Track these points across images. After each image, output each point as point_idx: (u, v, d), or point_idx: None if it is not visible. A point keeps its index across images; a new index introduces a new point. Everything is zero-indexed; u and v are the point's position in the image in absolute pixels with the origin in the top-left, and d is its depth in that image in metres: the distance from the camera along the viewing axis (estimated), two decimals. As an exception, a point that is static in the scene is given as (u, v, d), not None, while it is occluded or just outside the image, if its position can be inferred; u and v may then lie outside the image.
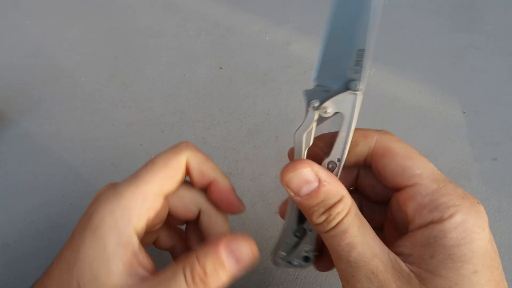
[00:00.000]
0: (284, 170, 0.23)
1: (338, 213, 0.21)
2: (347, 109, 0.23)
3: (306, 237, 0.26)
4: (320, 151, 0.25)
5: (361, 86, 0.23)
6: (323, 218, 0.22)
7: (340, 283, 0.23)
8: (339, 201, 0.22)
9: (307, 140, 0.25)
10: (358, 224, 0.22)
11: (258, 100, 0.54)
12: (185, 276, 0.21)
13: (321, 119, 0.24)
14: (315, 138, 0.25)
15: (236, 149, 0.49)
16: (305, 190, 0.22)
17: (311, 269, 0.38)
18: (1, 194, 0.45)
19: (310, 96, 0.24)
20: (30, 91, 0.57)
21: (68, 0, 0.73)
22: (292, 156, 0.26)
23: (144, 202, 0.23)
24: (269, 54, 0.61)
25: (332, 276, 0.38)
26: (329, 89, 0.24)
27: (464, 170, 0.46)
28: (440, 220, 0.21)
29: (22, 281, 0.38)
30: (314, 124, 0.24)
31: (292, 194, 0.23)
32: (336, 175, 0.24)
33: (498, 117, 0.51)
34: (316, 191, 0.22)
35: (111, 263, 0.21)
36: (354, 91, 0.23)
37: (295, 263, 0.27)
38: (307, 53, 0.61)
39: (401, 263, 0.21)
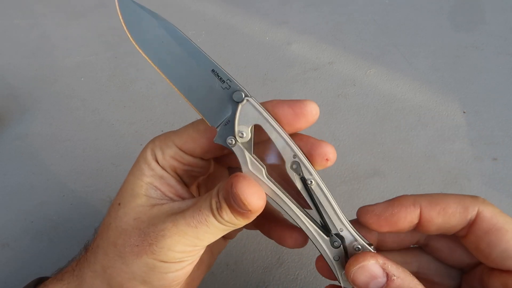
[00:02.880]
0: (347, 265, 0.22)
1: None
2: (255, 116, 0.23)
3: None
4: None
5: (244, 91, 0.23)
6: None
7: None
8: None
9: (258, 170, 0.23)
10: None
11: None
12: (210, 204, 0.22)
13: (249, 144, 0.23)
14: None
15: (236, 149, 0.49)
16: (373, 286, 0.21)
17: (311, 268, 0.38)
18: (1, 194, 0.45)
19: (223, 139, 0.24)
20: (30, 91, 0.57)
21: (68, 0, 0.73)
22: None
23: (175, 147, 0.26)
24: (269, 54, 0.61)
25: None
26: (228, 119, 0.24)
27: (464, 170, 0.46)
28: None
29: (22, 281, 0.38)
30: (247, 153, 0.23)
31: None
32: (312, 182, 0.23)
33: (498, 117, 0.51)
34: (385, 287, 0.20)
35: (141, 181, 0.25)
36: (244, 99, 0.23)
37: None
38: (307, 53, 0.61)
39: None
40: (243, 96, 0.23)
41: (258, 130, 0.24)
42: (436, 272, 0.25)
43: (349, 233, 0.23)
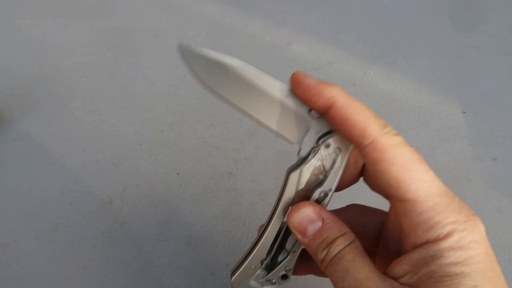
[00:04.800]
0: (290, 213, 0.25)
1: (338, 245, 0.23)
2: (346, 143, 0.24)
3: (287, 258, 0.27)
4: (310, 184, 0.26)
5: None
6: (325, 252, 0.23)
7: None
8: (341, 235, 0.23)
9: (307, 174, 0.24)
10: (354, 251, 0.23)
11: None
12: None
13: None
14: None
15: (236, 149, 0.49)
16: (310, 230, 0.24)
17: (311, 269, 0.38)
18: (1, 194, 0.45)
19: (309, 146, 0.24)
20: (30, 91, 0.57)
21: (68, 0, 0.73)
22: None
23: None
24: (269, 54, 0.61)
25: (332, 276, 0.38)
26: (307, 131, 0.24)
27: (464, 170, 0.46)
28: (436, 240, 0.20)
29: (22, 281, 0.38)
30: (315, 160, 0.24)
31: (300, 236, 0.24)
32: (327, 204, 0.25)
33: (498, 117, 0.51)
34: (320, 229, 0.24)
35: None
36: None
37: (274, 281, 0.28)
38: (307, 53, 0.61)
39: (397, 286, 0.21)
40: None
41: None
42: (360, 222, 0.28)
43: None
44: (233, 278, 0.27)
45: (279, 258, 0.27)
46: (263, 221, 0.26)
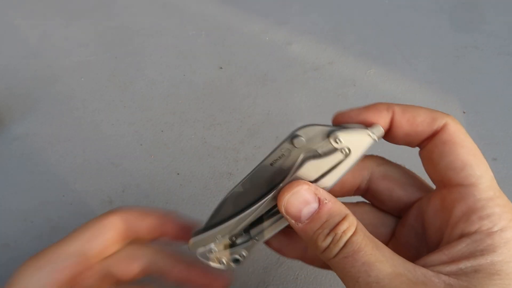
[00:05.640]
0: (281, 194, 0.22)
1: (344, 231, 0.20)
2: (358, 148, 0.22)
3: (248, 243, 0.25)
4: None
5: (378, 135, 0.23)
6: (329, 239, 0.20)
7: (340, 282, 0.23)
8: (343, 219, 0.20)
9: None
10: (370, 242, 0.20)
11: (258, 100, 0.54)
12: None
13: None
14: None
15: (236, 149, 0.49)
16: (305, 213, 0.21)
17: (311, 269, 0.38)
18: (1, 194, 0.45)
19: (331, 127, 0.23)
20: (30, 91, 0.57)
21: (68, 0, 0.73)
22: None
23: (59, 261, 0.24)
24: (269, 54, 0.61)
25: (332, 276, 0.38)
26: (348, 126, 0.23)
27: (464, 170, 0.46)
28: (489, 232, 0.19)
29: (22, 281, 0.38)
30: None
31: (293, 221, 0.21)
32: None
33: (498, 117, 0.51)
34: (318, 211, 0.21)
35: None
36: (372, 135, 0.22)
37: (223, 261, 0.26)
38: (307, 53, 0.61)
39: (433, 277, 0.19)
40: (375, 134, 0.23)
41: None
42: (370, 222, 0.26)
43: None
44: (192, 240, 0.25)
45: (238, 241, 0.25)
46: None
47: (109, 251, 0.27)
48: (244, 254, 0.25)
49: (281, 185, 0.23)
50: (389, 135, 0.24)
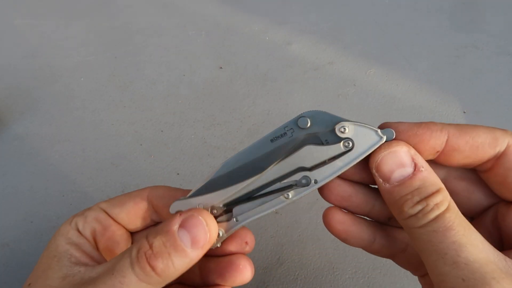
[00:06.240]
0: (377, 149, 0.21)
1: (437, 204, 0.19)
2: (362, 144, 0.21)
3: (229, 223, 0.24)
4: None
5: (385, 139, 0.21)
6: (418, 208, 0.19)
7: (340, 282, 0.23)
8: (437, 191, 0.19)
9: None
10: (463, 222, 0.19)
11: (258, 100, 0.54)
12: (130, 255, 0.20)
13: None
14: None
15: (236, 149, 0.49)
16: (397, 175, 0.20)
17: (311, 269, 0.38)
18: (1, 194, 0.45)
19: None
20: (29, 91, 0.57)
21: (68, 0, 0.73)
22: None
23: (86, 223, 0.25)
24: (269, 54, 0.61)
25: (332, 276, 0.38)
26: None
27: (464, 170, 0.46)
28: None
29: (22, 281, 0.38)
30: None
31: (380, 180, 0.20)
32: (294, 199, 0.22)
33: (498, 117, 0.51)
34: (411, 177, 0.19)
35: (54, 251, 0.24)
36: (382, 135, 0.21)
37: None
38: (307, 53, 0.61)
39: None
40: (384, 136, 0.22)
41: None
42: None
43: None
44: (174, 203, 0.24)
45: (220, 218, 0.24)
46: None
47: (134, 221, 0.26)
48: (220, 233, 0.24)
49: (268, 168, 0.22)
50: (443, 158, 0.22)
